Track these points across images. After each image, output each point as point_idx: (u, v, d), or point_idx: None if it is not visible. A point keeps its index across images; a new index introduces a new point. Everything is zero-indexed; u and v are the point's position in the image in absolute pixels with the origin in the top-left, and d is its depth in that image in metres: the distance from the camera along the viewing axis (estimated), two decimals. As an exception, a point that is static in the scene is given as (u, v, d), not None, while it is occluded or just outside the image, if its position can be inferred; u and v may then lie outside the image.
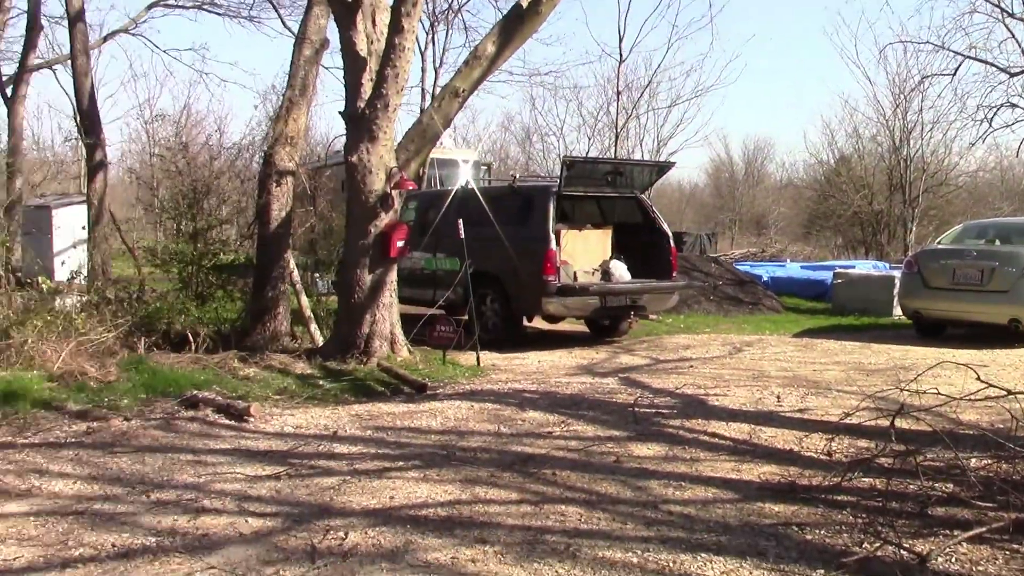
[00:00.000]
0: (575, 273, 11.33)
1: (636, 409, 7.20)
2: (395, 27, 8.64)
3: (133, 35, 19.31)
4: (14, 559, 3.91)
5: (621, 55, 26.16)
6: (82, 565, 3.84)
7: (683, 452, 5.91)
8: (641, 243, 12.04)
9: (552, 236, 10.70)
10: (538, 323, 12.53)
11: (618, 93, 27.52)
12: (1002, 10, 18.72)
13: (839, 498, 4.90)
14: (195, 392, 7.27)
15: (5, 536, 4.20)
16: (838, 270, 17.80)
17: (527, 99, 58.64)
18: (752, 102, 74.69)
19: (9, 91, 17.85)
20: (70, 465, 5.46)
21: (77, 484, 5.07)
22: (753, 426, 6.67)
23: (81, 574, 3.76)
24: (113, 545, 4.07)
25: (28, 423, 6.63)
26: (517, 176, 13.34)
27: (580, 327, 13.00)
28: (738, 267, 19.76)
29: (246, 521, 4.40)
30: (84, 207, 14.41)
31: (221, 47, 48.05)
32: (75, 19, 14.12)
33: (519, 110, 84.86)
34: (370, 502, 4.73)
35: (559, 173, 11.20)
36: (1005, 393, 5.24)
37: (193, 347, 9.33)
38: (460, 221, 10.15)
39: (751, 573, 3.81)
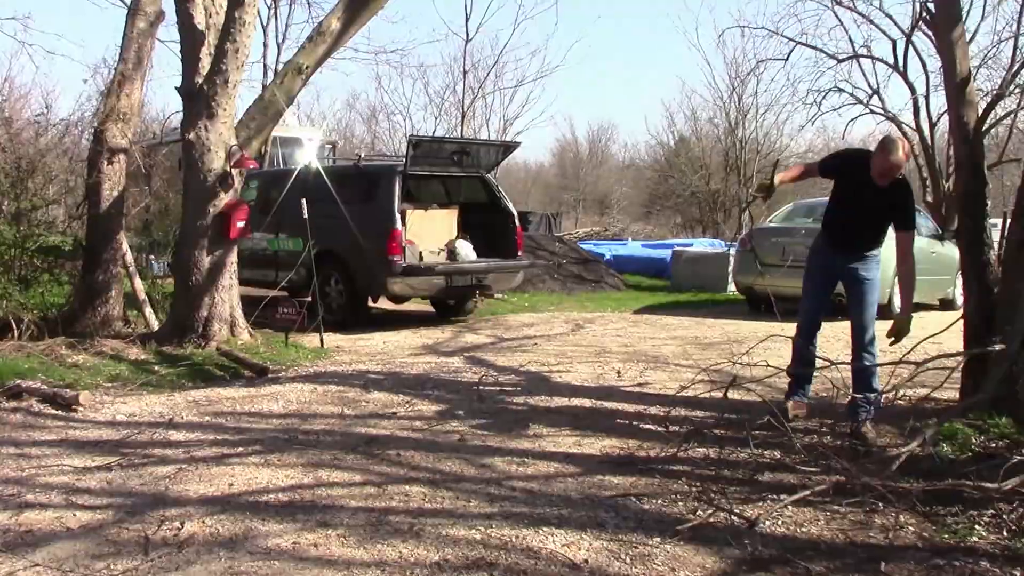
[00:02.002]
0: (420, 253, 11.29)
1: (481, 387, 7.26)
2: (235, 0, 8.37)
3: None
4: None
5: (468, 34, 26.18)
6: None
7: (526, 429, 6.00)
8: (486, 223, 12.10)
9: (397, 216, 10.63)
10: (383, 303, 12.43)
11: (464, 73, 27.60)
12: (832, -2, 19.65)
13: (675, 468, 5.10)
14: (18, 382, 6.87)
15: None
16: (676, 249, 18.42)
17: (373, 77, 57.85)
18: (596, 83, 76.16)
19: None
20: None
21: None
22: (595, 401, 6.84)
23: None
24: (-75, 546, 3.83)
25: None
26: (362, 155, 13.16)
27: (425, 307, 13.00)
28: (582, 246, 20.15)
29: (74, 515, 4.20)
30: None
31: (46, 17, 45.37)
32: None
33: (364, 88, 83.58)
34: (208, 490, 4.60)
35: (405, 152, 11.14)
36: (828, 363, 5.54)
37: (16, 334, 8.81)
38: (304, 201, 9.95)
39: (591, 544, 3.91)
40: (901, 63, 19.11)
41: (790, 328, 6.21)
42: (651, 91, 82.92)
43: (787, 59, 21.29)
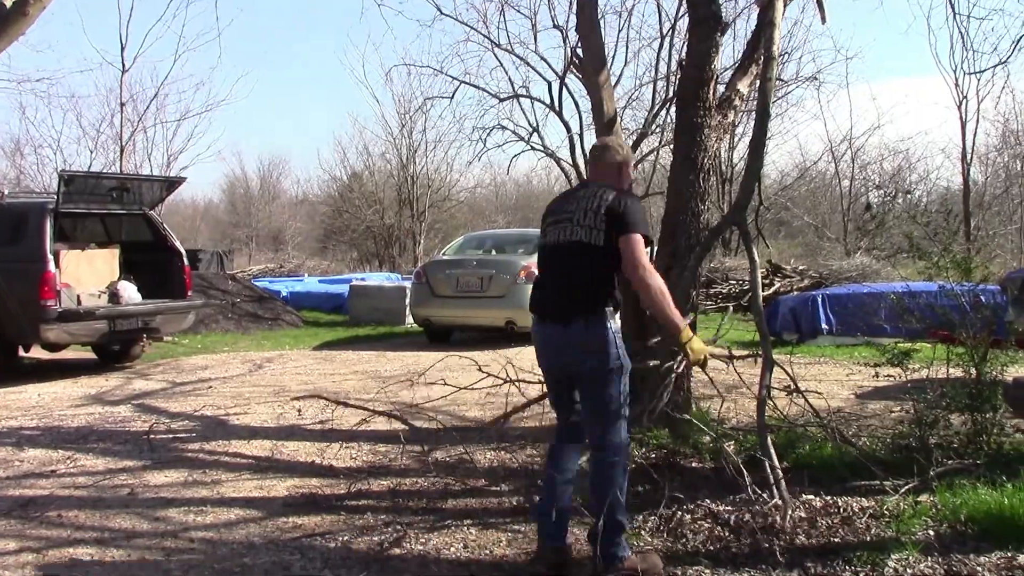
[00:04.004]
0: (79, 296, 10.48)
1: (152, 436, 6.84)
2: None
3: None
4: None
5: (124, 65, 24.78)
6: None
7: (204, 476, 5.74)
8: (152, 262, 11.48)
9: (50, 257, 9.79)
10: (37, 352, 11.41)
11: (122, 104, 26.02)
12: (491, 41, 20.67)
13: (360, 503, 5.09)
14: None
15: None
16: (354, 283, 18.45)
17: (15, 108, 52.83)
18: (266, 118, 75.04)
19: None
20: None
21: None
22: (275, 442, 6.67)
23: None
24: None
25: None
26: (6, 192, 12.03)
27: (87, 354, 12.07)
28: (256, 283, 19.65)
29: None
30: None
31: None
32: None
33: (7, 119, 76.42)
34: None
35: (56, 188, 10.31)
36: (503, 382, 5.76)
37: None
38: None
39: (276, 589, 3.80)
40: (557, 103, 20.48)
41: (468, 355, 6.40)
42: (323, 125, 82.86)
43: (452, 97, 22.21)
